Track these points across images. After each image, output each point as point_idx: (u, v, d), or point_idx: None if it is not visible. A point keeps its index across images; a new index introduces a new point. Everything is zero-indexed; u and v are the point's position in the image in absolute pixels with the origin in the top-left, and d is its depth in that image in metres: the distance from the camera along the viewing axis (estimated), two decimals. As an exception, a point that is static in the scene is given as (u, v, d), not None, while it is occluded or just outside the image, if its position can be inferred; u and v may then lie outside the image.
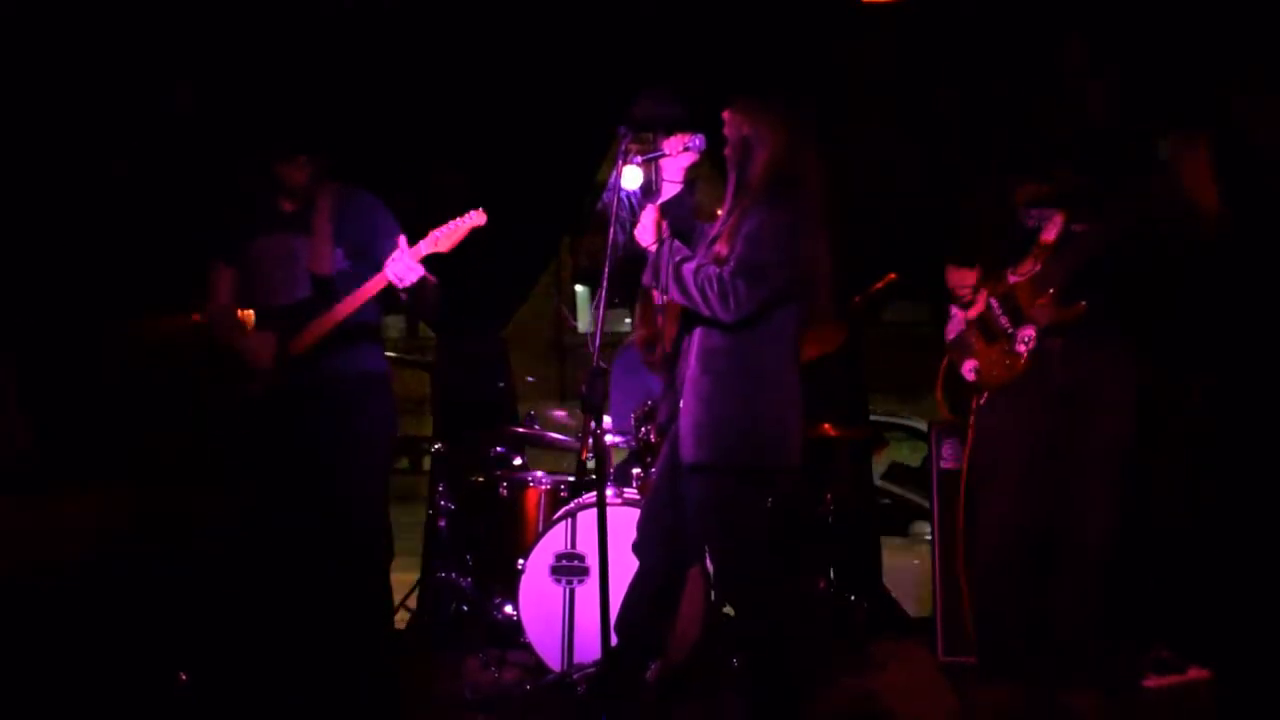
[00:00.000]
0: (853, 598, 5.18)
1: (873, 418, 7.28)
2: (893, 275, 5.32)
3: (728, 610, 4.30)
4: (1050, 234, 4.32)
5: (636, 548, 3.82)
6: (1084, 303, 4.18)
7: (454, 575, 5.24)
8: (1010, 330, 4.35)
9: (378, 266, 3.93)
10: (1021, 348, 4.31)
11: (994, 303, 4.43)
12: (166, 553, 4.72)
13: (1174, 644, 4.55)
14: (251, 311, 4.12)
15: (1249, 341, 4.73)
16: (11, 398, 4.33)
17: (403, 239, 3.87)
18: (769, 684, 3.62)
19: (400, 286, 3.85)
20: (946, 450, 4.92)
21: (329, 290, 3.96)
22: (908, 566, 6.74)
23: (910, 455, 9.68)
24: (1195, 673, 4.47)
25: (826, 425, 5.13)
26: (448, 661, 4.91)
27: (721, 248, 3.59)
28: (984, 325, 4.45)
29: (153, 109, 4.92)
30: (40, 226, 4.45)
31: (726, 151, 3.73)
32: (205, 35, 4.97)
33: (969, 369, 4.51)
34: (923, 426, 9.12)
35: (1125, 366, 4.26)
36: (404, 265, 3.81)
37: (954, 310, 4.64)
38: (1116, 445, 4.24)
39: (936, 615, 4.88)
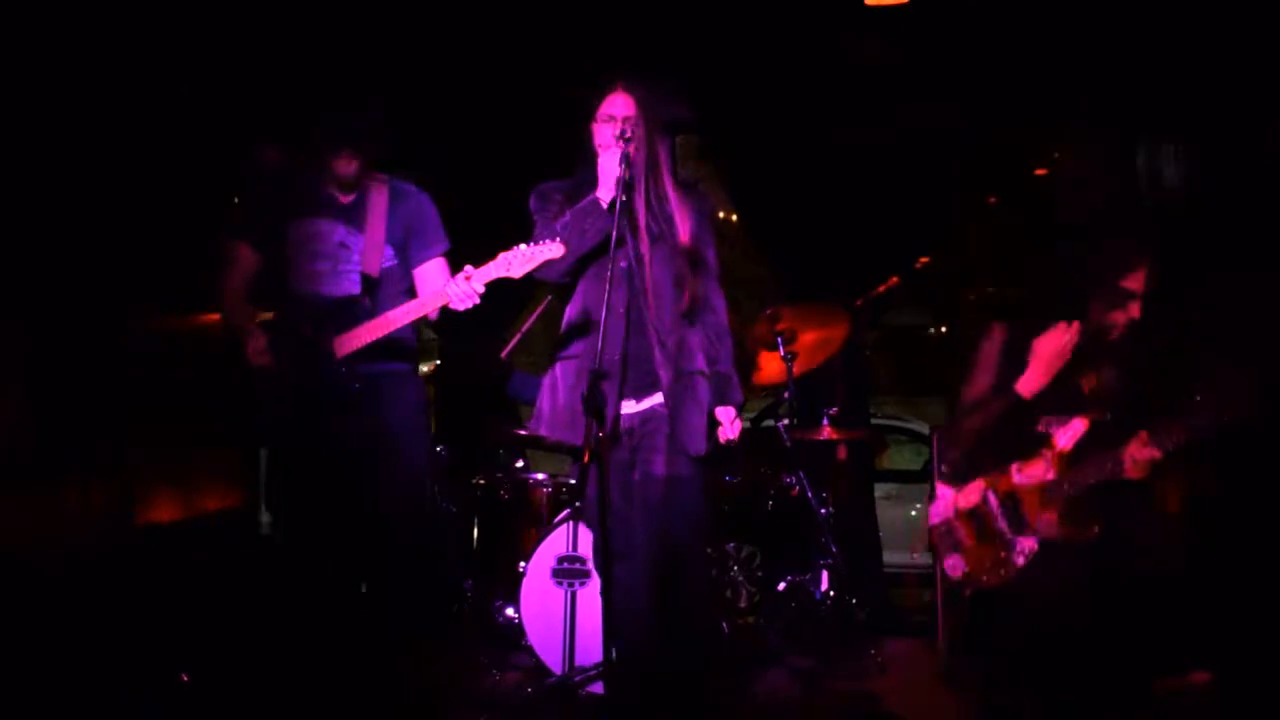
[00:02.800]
0: (854, 600, 5.18)
1: (874, 420, 7.30)
2: (895, 279, 5.33)
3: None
4: (1067, 441, 3.93)
5: (617, 563, 3.70)
6: (1097, 529, 3.80)
7: (455, 577, 5.24)
8: (1009, 536, 3.96)
9: (412, 263, 3.96)
10: (1020, 559, 3.92)
11: (993, 500, 4.02)
12: (169, 551, 4.73)
13: (1176, 646, 4.54)
14: (270, 314, 4.06)
15: (1250, 343, 4.73)
16: (18, 394, 4.33)
17: (469, 266, 3.77)
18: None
19: (458, 309, 3.77)
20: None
21: (376, 292, 3.93)
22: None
23: (912, 459, 9.69)
24: (1197, 675, 4.46)
25: (828, 428, 5.13)
26: (449, 664, 4.91)
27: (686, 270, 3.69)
28: (978, 521, 4.05)
29: (164, 104, 4.92)
30: (48, 223, 4.44)
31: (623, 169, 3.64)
32: (230, 30, 4.96)
33: (952, 565, 4.09)
34: (924, 429, 9.14)
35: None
36: (464, 290, 3.73)
37: (941, 489, 4.20)
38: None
39: (938, 618, 4.88)
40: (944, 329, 14.81)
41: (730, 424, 3.79)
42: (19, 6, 4.22)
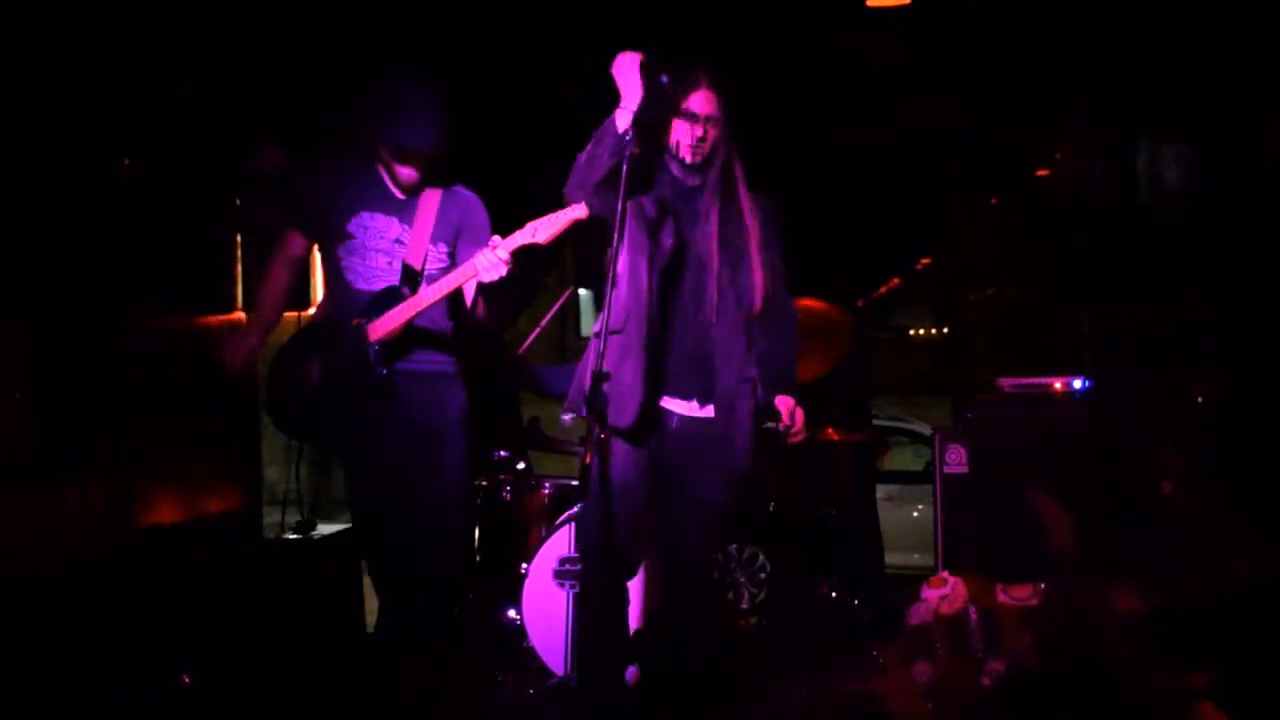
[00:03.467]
0: (855, 601, 5.18)
1: (875, 421, 7.29)
2: (896, 280, 5.33)
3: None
4: None
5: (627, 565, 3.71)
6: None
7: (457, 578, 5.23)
8: (981, 655, 3.92)
9: (459, 262, 3.91)
10: (986, 681, 3.86)
11: (973, 613, 3.99)
12: (169, 552, 4.72)
13: (1177, 649, 4.54)
14: (296, 313, 4.04)
15: (1251, 341, 4.73)
16: (18, 394, 4.31)
17: (496, 236, 3.73)
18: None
19: (485, 281, 3.68)
20: (950, 456, 4.91)
21: (417, 285, 3.89)
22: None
23: (913, 460, 9.68)
24: (1197, 677, 4.45)
25: (829, 429, 5.12)
26: (450, 665, 4.90)
27: (760, 274, 3.62)
28: (955, 631, 3.99)
29: (164, 103, 4.92)
30: (49, 223, 4.43)
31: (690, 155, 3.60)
32: (231, 29, 4.95)
33: (921, 671, 4.00)
34: (926, 431, 9.14)
35: None
36: (491, 260, 3.64)
37: (925, 592, 4.13)
38: None
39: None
40: (945, 329, 14.83)
41: (789, 413, 3.64)
42: (20, 6, 4.21)
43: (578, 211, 3.53)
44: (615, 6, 5.34)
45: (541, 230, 3.59)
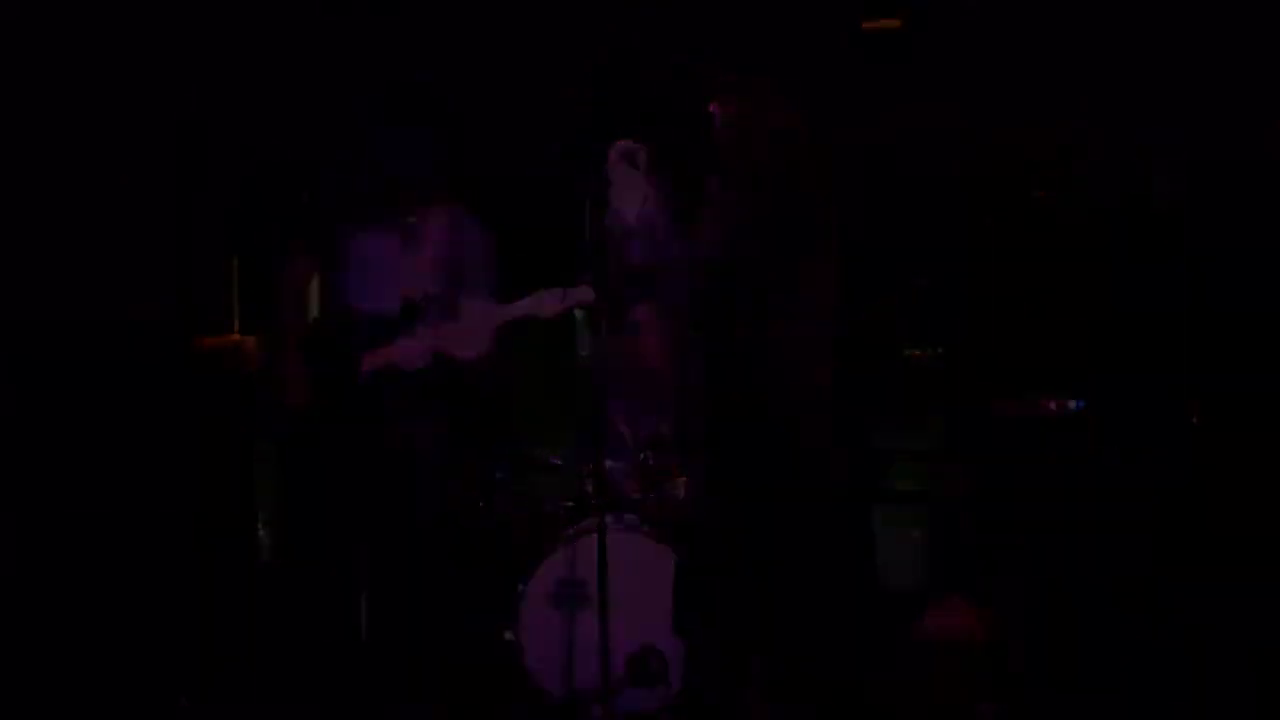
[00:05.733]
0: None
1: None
2: (892, 298, 5.34)
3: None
4: None
5: None
6: None
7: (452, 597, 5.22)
8: (977, 685, 3.91)
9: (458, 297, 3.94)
10: (979, 711, 3.87)
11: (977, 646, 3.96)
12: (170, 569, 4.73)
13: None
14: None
15: (1251, 353, 4.75)
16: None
17: (480, 305, 3.85)
18: None
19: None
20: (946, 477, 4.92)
21: (413, 317, 3.94)
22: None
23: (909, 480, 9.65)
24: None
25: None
26: (446, 686, 4.89)
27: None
28: (954, 658, 3.95)
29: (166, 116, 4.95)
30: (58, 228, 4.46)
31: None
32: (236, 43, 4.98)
33: (914, 688, 3.96)
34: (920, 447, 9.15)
35: None
36: (457, 340, 3.80)
37: (932, 613, 4.09)
38: None
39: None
40: (939, 350, 14.83)
41: None
42: (29, 22, 4.24)
43: (585, 295, 3.63)
44: (615, 9, 5.36)
45: (548, 307, 3.71)
